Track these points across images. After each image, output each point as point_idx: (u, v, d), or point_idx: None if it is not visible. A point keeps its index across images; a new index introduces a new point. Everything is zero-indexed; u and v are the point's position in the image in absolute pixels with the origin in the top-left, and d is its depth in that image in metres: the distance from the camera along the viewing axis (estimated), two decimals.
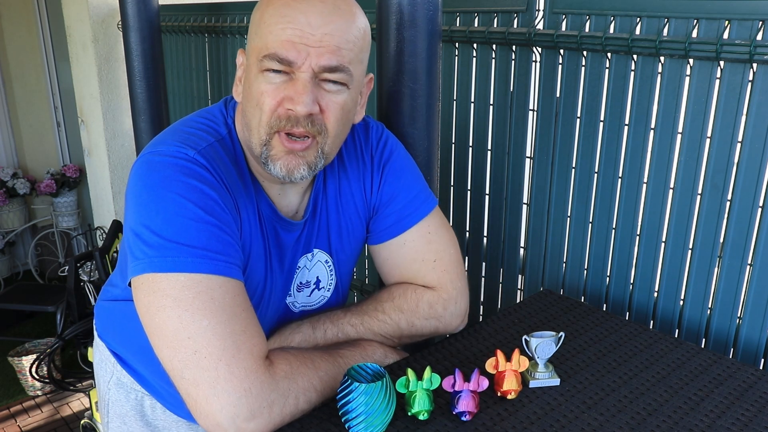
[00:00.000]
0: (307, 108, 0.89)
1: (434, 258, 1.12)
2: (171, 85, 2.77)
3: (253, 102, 0.92)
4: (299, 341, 1.00)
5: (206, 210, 0.86)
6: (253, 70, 0.92)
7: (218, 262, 0.85)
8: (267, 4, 0.92)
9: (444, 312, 1.12)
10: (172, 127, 0.99)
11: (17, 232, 3.91)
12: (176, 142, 0.91)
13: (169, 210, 0.85)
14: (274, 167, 0.93)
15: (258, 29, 0.92)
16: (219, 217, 0.87)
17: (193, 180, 0.87)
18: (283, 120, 0.90)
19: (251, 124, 0.93)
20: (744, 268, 1.23)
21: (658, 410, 0.97)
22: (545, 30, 1.43)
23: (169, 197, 0.86)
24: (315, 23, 0.88)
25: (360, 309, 1.08)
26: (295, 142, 0.91)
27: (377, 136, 1.13)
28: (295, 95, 0.89)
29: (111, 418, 1.21)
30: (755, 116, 1.16)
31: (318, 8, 0.89)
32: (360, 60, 0.95)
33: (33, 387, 2.95)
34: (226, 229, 0.88)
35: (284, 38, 0.88)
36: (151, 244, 0.85)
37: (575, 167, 1.46)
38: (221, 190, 0.90)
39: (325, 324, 1.03)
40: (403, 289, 1.11)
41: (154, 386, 1.15)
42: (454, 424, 0.93)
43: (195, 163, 0.89)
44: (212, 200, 0.87)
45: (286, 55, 0.88)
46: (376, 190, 1.11)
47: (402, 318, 1.08)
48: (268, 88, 0.90)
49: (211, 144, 0.94)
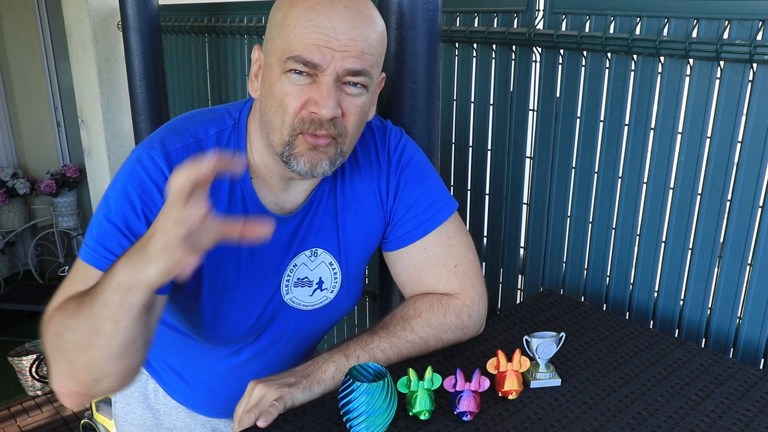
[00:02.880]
0: (331, 112, 0.91)
1: (455, 263, 1.11)
2: (171, 85, 2.76)
3: (275, 102, 0.93)
4: (333, 371, 1.00)
5: (123, 215, 0.93)
6: (275, 71, 0.93)
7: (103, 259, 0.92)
8: (290, 5, 0.92)
9: (469, 321, 1.12)
10: (173, 120, 1.03)
11: (17, 232, 3.91)
12: (157, 142, 0.96)
13: (103, 207, 0.95)
14: (297, 164, 0.94)
15: (281, 31, 0.92)
16: (129, 223, 0.93)
17: (135, 188, 0.93)
18: (307, 123, 0.92)
19: (273, 123, 0.95)
20: (744, 268, 1.23)
21: (659, 410, 0.97)
22: (545, 30, 1.43)
23: (111, 198, 0.94)
24: (340, 28, 0.90)
25: (388, 331, 1.07)
26: (319, 138, 0.93)
27: (396, 140, 1.13)
28: (320, 99, 0.90)
29: (117, 398, 1.26)
30: (755, 116, 1.16)
31: (342, 13, 0.90)
32: (379, 63, 0.98)
33: (33, 387, 2.95)
34: (129, 235, 0.93)
35: (310, 42, 0.89)
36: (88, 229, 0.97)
37: (575, 167, 1.46)
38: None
39: (357, 351, 1.02)
40: (428, 301, 1.10)
41: (158, 371, 1.19)
42: (455, 424, 0.93)
43: (152, 170, 0.93)
44: (132, 209, 0.93)
45: (312, 58, 0.89)
46: (393, 195, 1.11)
47: (431, 334, 1.08)
48: (292, 89, 0.91)
49: (189, 145, 0.97)
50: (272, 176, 1.02)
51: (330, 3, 0.90)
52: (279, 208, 1.05)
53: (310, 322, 1.13)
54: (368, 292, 2.09)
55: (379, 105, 1.36)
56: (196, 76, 2.66)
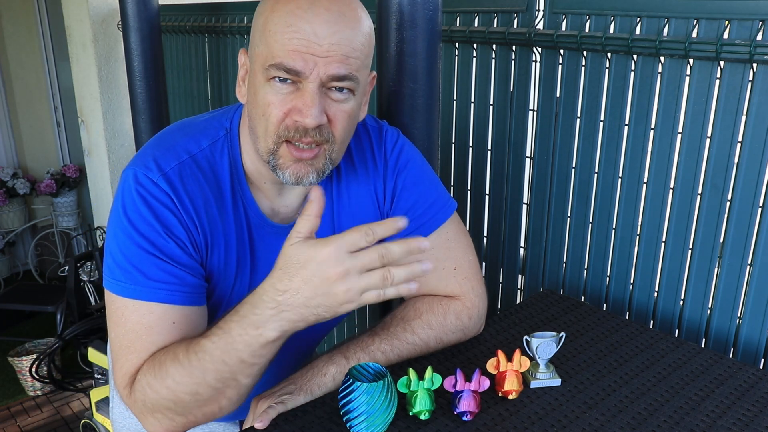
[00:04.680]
0: (316, 121, 0.88)
1: (454, 266, 1.11)
2: (171, 85, 2.76)
3: (259, 111, 0.91)
4: (333, 373, 0.99)
5: (149, 240, 0.91)
6: (258, 78, 0.91)
7: (140, 287, 0.90)
8: (271, 10, 0.89)
9: (469, 322, 1.12)
10: (161, 133, 1.00)
11: (17, 232, 3.91)
12: (151, 160, 0.94)
13: (119, 235, 0.92)
14: (284, 175, 0.93)
15: (262, 36, 0.90)
16: (159, 246, 0.91)
17: (145, 208, 0.91)
18: (291, 131, 0.90)
19: (257, 131, 0.93)
20: (744, 268, 1.23)
21: (659, 410, 0.97)
22: (545, 30, 1.43)
23: (122, 224, 0.91)
24: (321, 33, 0.87)
25: (389, 333, 1.06)
26: (303, 151, 0.91)
27: (392, 141, 1.11)
28: (303, 107, 0.88)
29: (114, 404, 1.26)
30: (755, 116, 1.16)
31: (324, 17, 0.87)
32: (366, 65, 0.95)
33: (33, 387, 2.95)
34: (167, 257, 0.92)
35: (291, 48, 0.86)
36: (106, 262, 0.94)
37: (575, 167, 1.46)
38: (179, 214, 0.93)
39: (357, 353, 1.02)
40: (428, 302, 1.10)
41: None
42: (455, 424, 0.93)
43: (153, 190, 0.92)
44: (156, 232, 0.91)
45: (293, 65, 0.87)
46: (390, 197, 1.10)
47: (431, 335, 1.08)
48: (275, 99, 0.89)
49: (184, 162, 0.95)
50: (266, 182, 1.01)
51: (311, 6, 0.87)
52: (275, 213, 1.04)
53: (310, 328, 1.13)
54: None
55: (378, 105, 1.36)
56: (196, 76, 2.66)
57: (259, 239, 1.01)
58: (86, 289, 3.11)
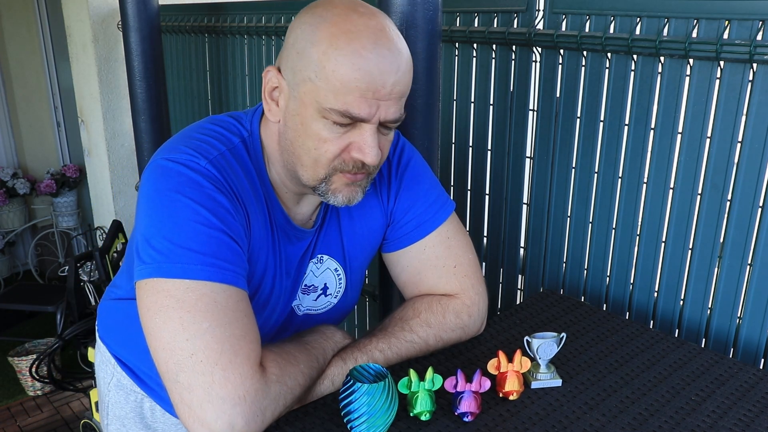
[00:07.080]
0: (376, 159, 0.90)
1: (454, 264, 1.11)
2: (171, 85, 2.77)
3: (309, 142, 0.90)
4: (332, 377, 0.99)
5: (218, 217, 0.86)
6: (309, 111, 0.89)
7: (226, 271, 0.85)
8: (330, 44, 0.85)
9: (469, 320, 1.12)
10: (182, 132, 0.97)
11: (17, 232, 3.90)
12: (188, 150, 0.90)
13: (180, 215, 0.85)
14: (335, 198, 0.94)
15: (321, 72, 0.86)
16: (230, 225, 0.87)
17: (205, 188, 0.87)
18: (349, 164, 0.91)
19: (302, 160, 0.92)
20: (744, 268, 1.23)
21: (659, 411, 0.97)
22: (545, 30, 1.43)
23: (181, 203, 0.85)
24: (387, 75, 0.86)
25: (387, 332, 1.06)
26: (356, 176, 0.93)
27: (393, 143, 1.11)
28: (364, 146, 0.89)
29: (110, 420, 1.21)
30: (755, 116, 1.16)
31: (388, 58, 0.86)
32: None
33: (33, 387, 2.95)
34: (236, 238, 0.88)
35: (359, 95, 0.85)
36: (159, 249, 0.84)
37: (575, 167, 1.46)
38: (232, 200, 0.90)
39: (354, 354, 1.02)
40: (427, 301, 1.10)
41: (153, 389, 1.15)
42: (456, 424, 0.93)
43: (207, 172, 0.88)
44: (224, 209, 0.87)
45: (358, 113, 0.86)
46: (393, 198, 1.11)
47: (430, 333, 1.08)
48: (331, 136, 0.89)
49: (222, 153, 0.92)
50: (287, 192, 1.01)
51: (375, 46, 0.85)
52: (306, 221, 1.05)
53: (312, 326, 1.13)
54: (368, 292, 2.09)
55: None
56: (196, 76, 2.66)
57: (278, 239, 1.01)
58: (86, 289, 3.11)
